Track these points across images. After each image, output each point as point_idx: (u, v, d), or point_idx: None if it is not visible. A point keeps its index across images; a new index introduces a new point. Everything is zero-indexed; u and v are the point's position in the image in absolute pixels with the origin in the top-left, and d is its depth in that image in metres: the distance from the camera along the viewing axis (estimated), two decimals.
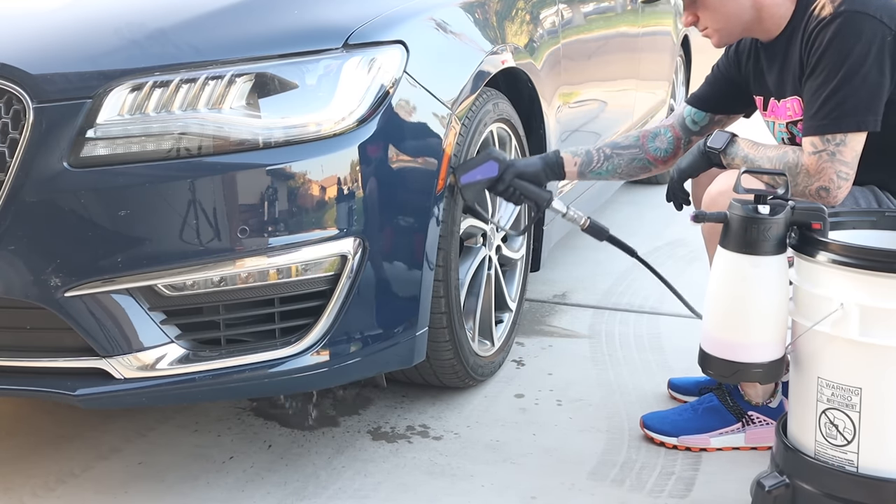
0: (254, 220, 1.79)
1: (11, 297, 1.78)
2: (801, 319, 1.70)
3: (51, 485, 2.01)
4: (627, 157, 2.26)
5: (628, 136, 2.30)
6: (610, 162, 2.26)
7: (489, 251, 2.41)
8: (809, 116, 1.93)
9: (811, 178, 1.92)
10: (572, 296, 3.17)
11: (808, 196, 1.94)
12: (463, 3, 2.33)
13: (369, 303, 1.93)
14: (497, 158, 2.16)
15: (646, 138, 2.27)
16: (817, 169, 1.91)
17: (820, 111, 1.90)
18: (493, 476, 2.04)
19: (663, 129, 2.28)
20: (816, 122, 1.91)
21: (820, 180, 1.91)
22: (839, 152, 1.90)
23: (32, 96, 1.75)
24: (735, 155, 2.03)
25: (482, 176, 2.14)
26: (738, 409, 2.14)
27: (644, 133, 2.28)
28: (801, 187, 1.94)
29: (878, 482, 1.63)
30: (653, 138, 2.27)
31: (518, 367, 2.59)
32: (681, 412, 2.19)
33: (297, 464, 2.09)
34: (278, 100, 1.83)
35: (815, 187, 1.93)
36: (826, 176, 1.91)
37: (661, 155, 2.27)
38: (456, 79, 2.16)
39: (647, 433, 2.18)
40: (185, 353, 1.83)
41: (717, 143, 2.05)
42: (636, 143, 2.27)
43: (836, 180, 1.91)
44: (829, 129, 1.89)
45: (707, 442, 2.14)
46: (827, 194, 1.92)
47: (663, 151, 2.27)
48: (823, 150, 1.90)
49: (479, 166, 2.13)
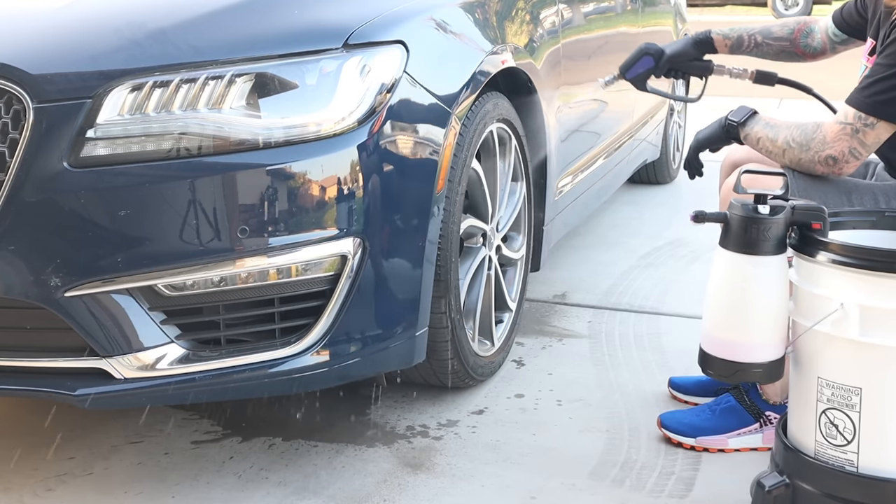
0: (254, 220, 1.79)
1: (11, 297, 1.78)
2: (801, 319, 1.70)
3: (51, 485, 2.01)
4: (776, 48, 2.39)
5: (784, 23, 2.39)
6: (759, 49, 2.39)
7: (489, 251, 2.41)
8: (859, 88, 1.96)
9: (825, 145, 1.95)
10: (572, 296, 3.17)
11: (815, 164, 1.97)
12: (463, 3, 2.33)
13: (369, 303, 1.93)
14: (649, 52, 2.37)
15: (800, 33, 2.36)
16: (835, 138, 1.94)
17: (868, 88, 1.93)
18: (493, 476, 2.04)
19: (816, 29, 2.36)
20: (861, 97, 1.94)
21: (833, 149, 1.95)
22: (863, 132, 1.93)
23: (32, 96, 1.75)
24: (755, 125, 2.07)
25: (643, 68, 2.39)
26: (756, 410, 2.14)
27: (801, 26, 2.37)
28: (811, 152, 1.97)
29: (878, 482, 1.63)
30: (806, 34, 2.36)
31: (518, 367, 2.59)
32: (698, 412, 2.19)
33: (297, 464, 2.09)
34: (278, 100, 1.83)
35: (825, 154, 1.96)
36: (839, 147, 1.94)
37: (811, 51, 2.37)
38: (456, 79, 2.15)
39: (665, 433, 2.18)
40: (185, 353, 1.83)
41: (737, 116, 2.11)
42: (789, 37, 2.36)
43: (846, 154, 1.95)
44: (867, 108, 1.92)
45: (725, 443, 2.13)
46: (834, 163, 1.96)
47: (812, 49, 2.37)
48: (851, 124, 1.93)
49: (637, 62, 2.39)
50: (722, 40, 2.38)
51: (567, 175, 2.99)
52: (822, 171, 1.98)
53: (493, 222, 2.41)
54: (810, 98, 2.36)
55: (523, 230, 2.64)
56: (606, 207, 4.28)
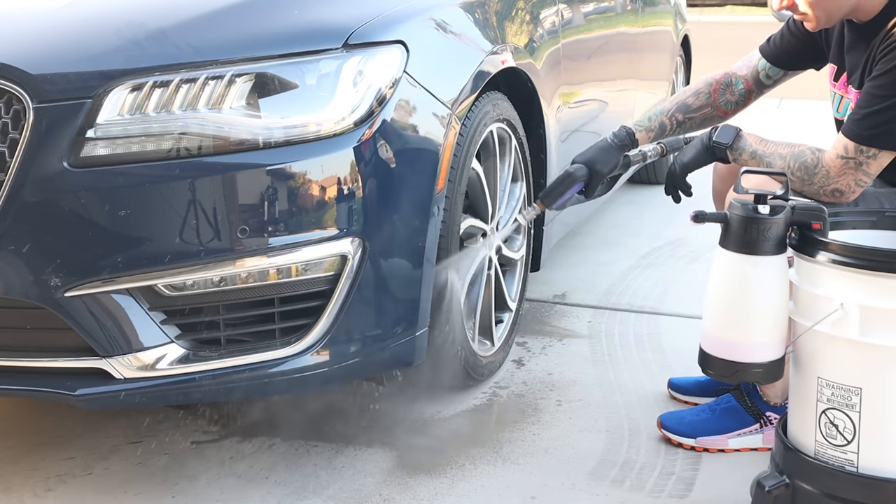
0: (254, 220, 1.79)
1: (11, 297, 1.78)
2: (801, 319, 1.70)
3: (51, 485, 2.01)
4: (699, 119, 2.29)
5: (697, 91, 2.28)
6: (683, 127, 2.29)
7: (489, 251, 2.41)
8: (855, 119, 1.92)
9: (829, 180, 1.94)
10: (572, 296, 3.17)
11: (820, 195, 1.95)
12: (463, 3, 2.33)
13: (369, 303, 1.93)
14: (578, 178, 2.17)
15: (717, 92, 2.27)
16: (839, 173, 1.93)
17: (866, 120, 1.89)
18: (493, 476, 2.04)
19: (735, 80, 2.27)
20: (858, 130, 1.90)
21: (838, 183, 1.93)
22: (866, 164, 1.91)
23: (32, 96, 1.75)
24: (743, 150, 2.03)
25: (572, 195, 2.19)
26: (756, 410, 2.14)
27: (716, 85, 2.27)
28: (815, 186, 1.95)
29: (878, 482, 1.63)
30: (724, 90, 2.27)
31: (518, 367, 2.59)
32: (698, 413, 2.19)
33: (297, 464, 2.09)
34: (278, 100, 1.83)
35: (830, 188, 1.94)
36: (845, 181, 1.93)
37: (731, 108, 2.29)
38: (456, 79, 2.15)
39: (665, 433, 2.18)
40: (185, 353, 1.83)
41: (723, 137, 2.05)
42: (707, 102, 2.27)
43: (852, 186, 1.93)
44: (867, 140, 1.90)
45: (725, 443, 2.13)
46: (841, 195, 1.95)
47: (733, 105, 2.28)
48: (853, 158, 1.91)
49: (566, 191, 2.18)
50: (645, 135, 2.25)
51: None
52: (827, 200, 1.95)
53: (493, 222, 2.41)
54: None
55: (523, 230, 2.64)
56: (606, 207, 4.28)
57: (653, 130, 2.26)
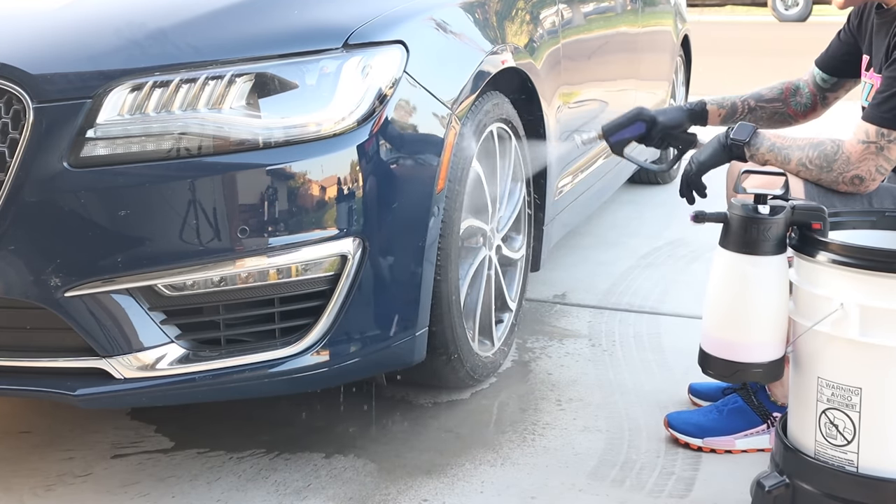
0: (254, 220, 1.79)
1: (11, 297, 1.78)
2: (801, 319, 1.70)
3: (51, 485, 2.01)
4: (770, 111, 2.33)
5: (772, 87, 2.35)
6: (753, 114, 2.32)
7: (489, 251, 2.41)
8: (875, 104, 1.93)
9: (850, 166, 1.94)
10: (572, 296, 3.17)
11: (840, 184, 1.95)
12: (463, 3, 2.33)
13: (369, 303, 1.93)
14: (643, 118, 2.26)
15: (789, 91, 2.32)
16: (860, 158, 1.93)
17: (885, 104, 1.90)
18: (493, 476, 2.04)
19: (801, 84, 2.32)
20: (879, 113, 1.91)
21: (858, 169, 1.93)
22: (888, 149, 1.91)
23: (32, 96, 1.75)
24: (760, 145, 2.03)
25: (630, 134, 2.28)
26: (763, 410, 2.14)
27: (788, 85, 2.33)
28: (835, 174, 1.95)
29: (878, 482, 1.63)
30: (794, 91, 2.32)
31: (518, 367, 2.59)
32: (706, 413, 2.18)
33: (298, 463, 2.09)
34: (278, 100, 1.83)
35: (850, 175, 1.94)
36: (866, 167, 1.93)
37: (801, 110, 2.32)
38: (456, 79, 2.15)
39: (672, 433, 2.17)
40: (185, 353, 1.83)
41: (741, 134, 2.05)
42: (779, 97, 2.32)
43: (873, 173, 1.93)
44: (889, 123, 1.90)
45: (732, 444, 2.13)
46: (861, 183, 1.95)
47: (803, 106, 2.32)
48: (874, 142, 1.92)
49: (627, 127, 2.28)
50: (716, 111, 2.31)
51: (567, 175, 2.99)
52: (846, 189, 1.96)
53: (493, 222, 2.41)
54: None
55: (523, 230, 2.64)
56: (606, 207, 4.28)
57: (724, 108, 2.32)
